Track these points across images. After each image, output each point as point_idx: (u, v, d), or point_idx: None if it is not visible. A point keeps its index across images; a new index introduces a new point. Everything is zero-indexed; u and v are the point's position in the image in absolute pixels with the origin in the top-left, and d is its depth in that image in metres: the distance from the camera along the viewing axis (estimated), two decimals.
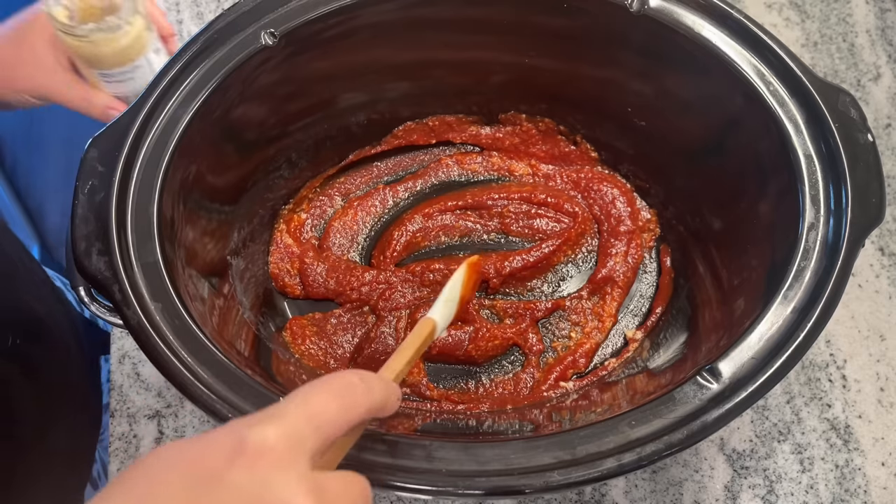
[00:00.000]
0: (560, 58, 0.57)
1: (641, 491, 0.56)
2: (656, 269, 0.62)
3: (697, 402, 0.40)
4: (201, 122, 0.48)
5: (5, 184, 1.36)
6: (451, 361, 0.58)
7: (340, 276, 0.60)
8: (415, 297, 0.59)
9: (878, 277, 0.63)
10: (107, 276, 0.42)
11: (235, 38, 0.49)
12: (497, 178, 0.65)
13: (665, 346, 0.55)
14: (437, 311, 0.46)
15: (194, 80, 0.48)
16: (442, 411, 0.55)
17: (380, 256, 0.61)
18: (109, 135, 0.46)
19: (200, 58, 0.48)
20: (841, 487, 0.56)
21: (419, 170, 0.66)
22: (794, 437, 0.57)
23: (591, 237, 0.63)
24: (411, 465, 0.38)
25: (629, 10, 0.50)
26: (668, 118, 0.56)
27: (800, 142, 0.46)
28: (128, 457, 0.57)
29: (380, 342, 0.57)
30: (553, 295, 0.61)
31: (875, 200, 0.44)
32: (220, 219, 0.54)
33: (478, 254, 0.60)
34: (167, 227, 0.45)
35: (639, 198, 0.63)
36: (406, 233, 0.62)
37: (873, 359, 0.60)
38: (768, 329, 0.41)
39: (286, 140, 0.58)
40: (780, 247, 0.45)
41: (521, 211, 0.62)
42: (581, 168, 0.64)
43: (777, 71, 0.48)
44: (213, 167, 0.51)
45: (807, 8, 0.73)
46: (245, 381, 0.41)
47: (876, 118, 0.68)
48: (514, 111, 0.63)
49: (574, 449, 0.38)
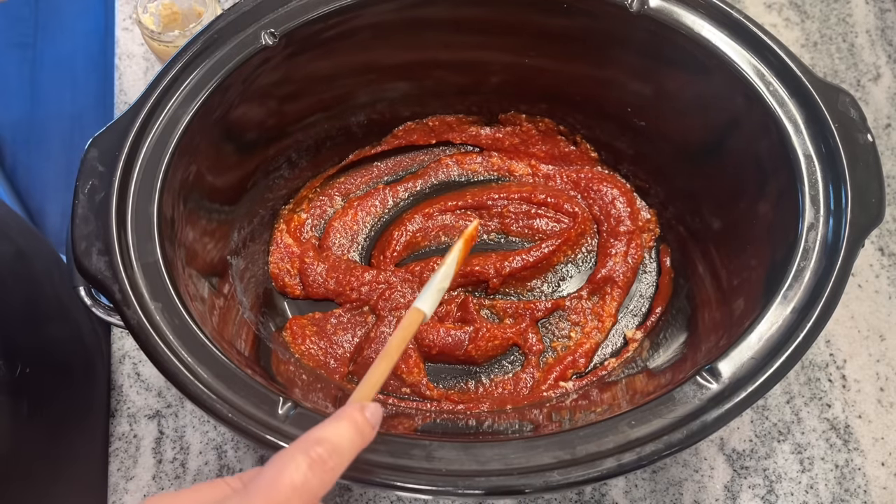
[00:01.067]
0: (560, 58, 0.57)
1: (641, 491, 0.56)
2: (656, 269, 0.62)
3: (697, 402, 0.40)
4: (201, 122, 0.48)
5: (5, 184, 1.36)
6: (451, 361, 0.58)
7: (340, 275, 0.60)
8: (415, 297, 0.59)
9: (878, 277, 0.63)
10: (107, 276, 0.42)
11: (236, 38, 0.49)
12: (497, 178, 0.65)
13: (665, 346, 0.55)
14: (427, 302, 0.43)
15: (194, 80, 0.48)
16: (442, 411, 0.55)
17: (380, 256, 0.61)
18: (110, 135, 0.46)
19: (201, 58, 0.48)
20: (841, 487, 0.56)
21: (419, 170, 0.66)
22: (794, 436, 0.57)
23: (591, 237, 0.63)
24: (411, 465, 0.38)
25: (629, 10, 0.50)
26: (667, 118, 0.56)
27: (799, 142, 0.46)
28: (128, 456, 0.57)
29: (380, 342, 0.57)
30: (553, 295, 0.61)
31: (875, 200, 0.44)
32: (221, 219, 0.54)
33: (478, 253, 0.61)
34: (167, 226, 0.45)
35: (639, 198, 0.63)
36: (406, 233, 0.62)
37: (873, 359, 0.60)
38: (768, 329, 0.41)
39: (286, 140, 0.58)
40: (780, 247, 0.45)
41: (521, 211, 0.62)
42: (581, 168, 0.64)
43: (777, 71, 0.48)
44: (213, 167, 0.51)
45: (807, 8, 0.73)
46: (245, 381, 0.41)
47: (876, 118, 0.68)
48: (514, 111, 0.63)
49: (574, 449, 0.38)
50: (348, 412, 0.35)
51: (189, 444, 0.57)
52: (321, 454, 0.32)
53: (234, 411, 0.39)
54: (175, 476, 0.57)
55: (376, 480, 0.38)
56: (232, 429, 0.39)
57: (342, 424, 0.34)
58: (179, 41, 0.62)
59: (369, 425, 0.35)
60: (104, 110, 1.31)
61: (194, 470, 0.57)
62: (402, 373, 0.56)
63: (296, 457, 0.31)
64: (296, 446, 0.32)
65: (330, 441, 0.33)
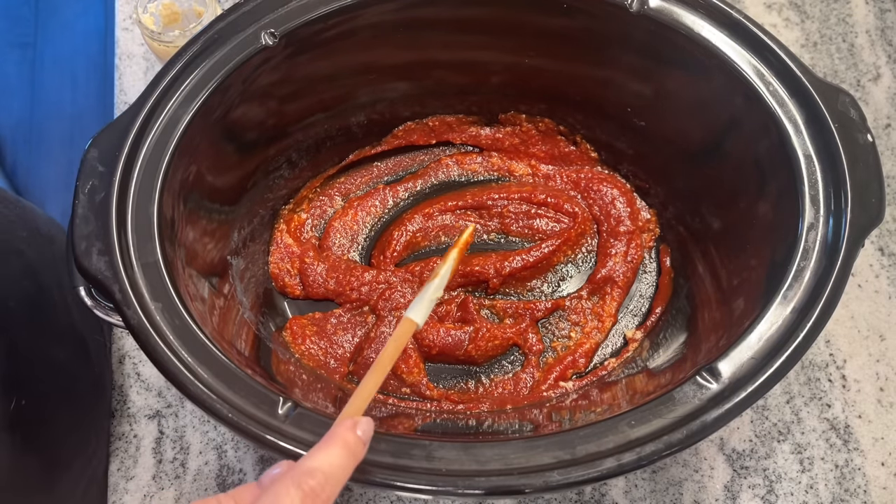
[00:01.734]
0: (560, 58, 0.57)
1: (641, 491, 0.56)
2: (656, 269, 0.62)
3: (697, 402, 0.40)
4: (201, 122, 0.48)
5: (5, 184, 1.36)
6: (451, 361, 0.58)
7: (340, 276, 0.60)
8: (415, 297, 0.59)
9: (878, 277, 0.63)
10: (107, 276, 0.42)
11: (236, 38, 0.49)
12: (497, 178, 0.65)
13: (665, 346, 0.55)
14: (419, 313, 0.44)
15: (195, 80, 0.48)
16: (442, 411, 0.55)
17: (380, 256, 0.61)
18: (110, 134, 0.46)
19: (201, 58, 0.48)
20: (840, 487, 0.56)
21: (419, 170, 0.66)
22: (794, 436, 0.57)
23: (591, 237, 0.63)
24: (411, 465, 0.38)
25: (629, 10, 0.50)
26: (667, 118, 0.56)
27: (799, 142, 0.46)
28: (128, 456, 0.57)
29: (380, 342, 0.57)
30: (553, 295, 0.61)
31: (875, 200, 0.44)
32: (221, 219, 0.54)
33: (478, 253, 0.61)
34: (167, 226, 0.45)
35: (638, 198, 0.63)
36: (406, 233, 0.62)
37: (873, 359, 0.60)
38: (768, 329, 0.42)
39: (286, 140, 0.58)
40: (780, 247, 0.45)
41: (521, 211, 0.62)
42: (581, 168, 0.64)
43: (777, 71, 0.48)
44: (213, 167, 0.51)
45: (806, 8, 0.73)
46: (245, 381, 0.41)
47: (875, 118, 0.68)
48: (514, 111, 0.63)
49: (574, 449, 0.38)
50: (340, 434, 0.36)
51: (189, 444, 0.57)
52: (314, 487, 0.32)
53: (234, 411, 0.39)
54: (175, 476, 0.57)
55: (376, 480, 0.38)
56: (232, 429, 0.39)
57: (334, 452, 0.35)
58: (179, 41, 0.62)
59: (361, 443, 0.36)
60: (104, 110, 1.31)
61: (194, 470, 0.57)
62: (403, 373, 0.56)
63: (290, 491, 0.32)
64: (290, 478, 0.33)
65: (322, 471, 0.33)
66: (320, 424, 0.39)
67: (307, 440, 0.39)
